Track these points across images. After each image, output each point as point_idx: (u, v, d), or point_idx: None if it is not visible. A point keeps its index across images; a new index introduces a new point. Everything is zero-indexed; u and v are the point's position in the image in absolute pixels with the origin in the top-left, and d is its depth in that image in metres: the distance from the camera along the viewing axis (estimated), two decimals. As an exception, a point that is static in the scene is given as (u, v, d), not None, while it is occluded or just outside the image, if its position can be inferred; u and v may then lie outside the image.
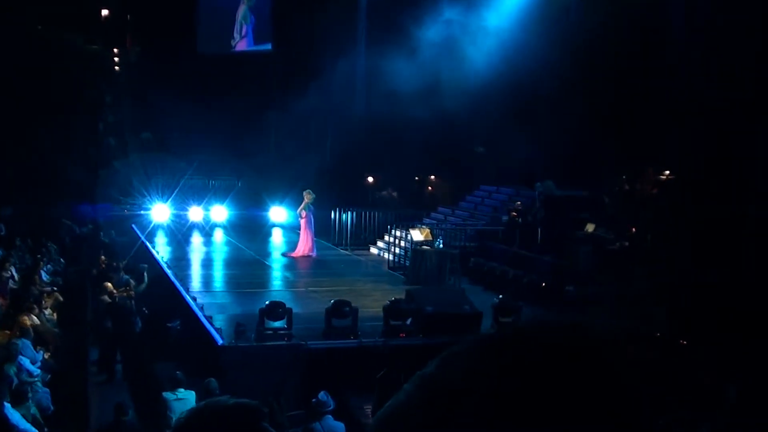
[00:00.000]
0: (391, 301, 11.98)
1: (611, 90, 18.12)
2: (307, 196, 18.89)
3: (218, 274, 17.91)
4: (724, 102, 15.14)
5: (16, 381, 9.60)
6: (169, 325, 13.20)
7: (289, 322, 11.23)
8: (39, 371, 10.75)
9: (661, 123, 17.20)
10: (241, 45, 29.47)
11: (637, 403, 0.76)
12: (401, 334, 11.67)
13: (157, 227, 22.73)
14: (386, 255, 19.40)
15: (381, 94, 20.92)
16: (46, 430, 9.32)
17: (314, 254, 19.08)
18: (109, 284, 14.24)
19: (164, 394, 9.11)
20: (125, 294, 13.75)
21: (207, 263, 19.13)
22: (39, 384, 10.29)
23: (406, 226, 18.93)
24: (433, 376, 0.83)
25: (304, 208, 18.88)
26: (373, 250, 20.87)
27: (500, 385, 0.76)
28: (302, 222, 19.06)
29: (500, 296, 12.82)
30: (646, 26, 18.03)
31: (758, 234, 13.42)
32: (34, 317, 12.40)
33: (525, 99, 20.03)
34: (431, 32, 21.40)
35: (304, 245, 19.05)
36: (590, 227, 16.34)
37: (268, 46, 28.66)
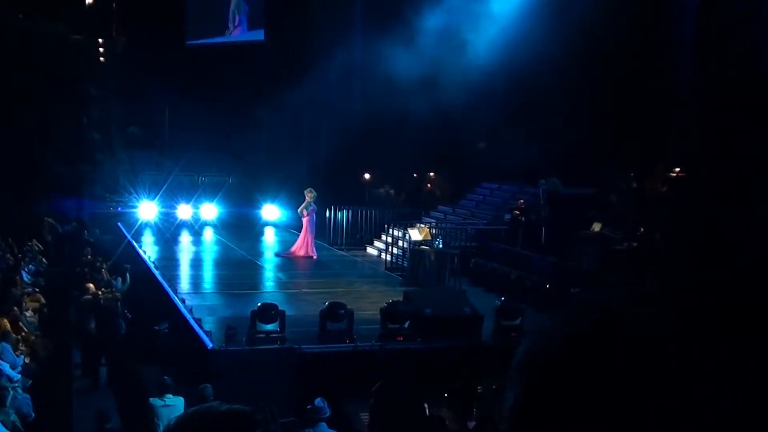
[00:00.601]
0: (389, 304, 11.98)
1: (619, 83, 18.13)
2: (309, 195, 18.86)
3: (208, 274, 17.89)
4: (727, 100, 15.20)
5: (-5, 386, 9.57)
6: (156, 328, 13.19)
7: (282, 325, 11.22)
8: (19, 376, 10.73)
9: (670, 118, 17.21)
10: (235, 35, 29.41)
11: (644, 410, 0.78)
12: (399, 338, 11.66)
13: (144, 226, 22.71)
14: (383, 255, 19.40)
15: (378, 86, 20.89)
16: (27, 437, 9.30)
17: (315, 256, 19.01)
18: (93, 285, 14.21)
19: (151, 400, 9.10)
20: (110, 295, 13.71)
21: (196, 263, 19.11)
22: (19, 389, 10.26)
23: (405, 225, 18.93)
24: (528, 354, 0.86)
25: (305, 207, 18.82)
26: (370, 250, 20.87)
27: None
28: (304, 221, 18.95)
29: (502, 298, 12.82)
30: (653, 19, 18.05)
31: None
32: (15, 320, 12.37)
33: (529, 92, 20.02)
34: (430, 22, 21.39)
35: (301, 245, 18.99)
36: (596, 226, 16.35)
37: (260, 35, 28.59)
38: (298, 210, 19.22)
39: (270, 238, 23.12)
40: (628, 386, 0.79)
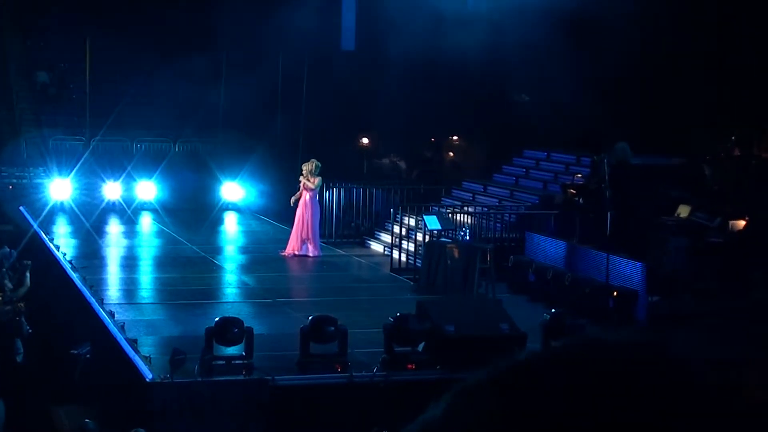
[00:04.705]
0: (396, 318, 12.00)
1: (715, 11, 18.04)
2: (305, 167, 18.65)
3: (146, 278, 17.96)
4: None
5: None
6: (74, 352, 13.20)
7: (249, 349, 11.27)
8: None
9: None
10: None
11: None
12: (410, 366, 11.70)
13: (56, 211, 22.74)
14: (388, 251, 19.43)
15: (380, 15, 20.83)
16: None
17: (313, 254, 18.82)
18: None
19: (68, 451, 9.16)
20: (8, 307, 13.74)
21: (129, 263, 19.16)
22: None
23: (418, 209, 18.93)
24: (438, 422, 0.87)
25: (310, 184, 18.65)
26: (370, 245, 20.91)
27: None
28: (300, 205, 18.67)
29: (552, 310, 12.85)
30: None
31: None
32: None
33: (588, 24, 19.95)
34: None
35: (293, 239, 18.82)
36: (684, 211, 16.33)
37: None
38: (304, 187, 18.76)
39: (231, 227, 23.13)
40: None
